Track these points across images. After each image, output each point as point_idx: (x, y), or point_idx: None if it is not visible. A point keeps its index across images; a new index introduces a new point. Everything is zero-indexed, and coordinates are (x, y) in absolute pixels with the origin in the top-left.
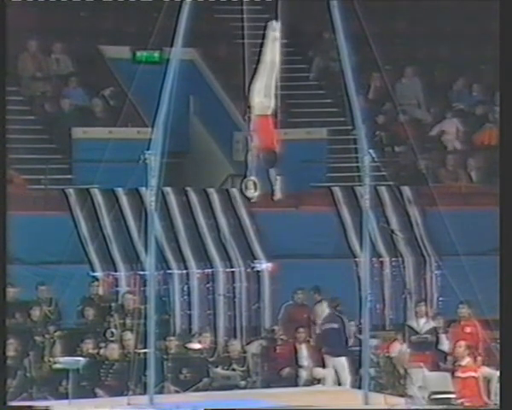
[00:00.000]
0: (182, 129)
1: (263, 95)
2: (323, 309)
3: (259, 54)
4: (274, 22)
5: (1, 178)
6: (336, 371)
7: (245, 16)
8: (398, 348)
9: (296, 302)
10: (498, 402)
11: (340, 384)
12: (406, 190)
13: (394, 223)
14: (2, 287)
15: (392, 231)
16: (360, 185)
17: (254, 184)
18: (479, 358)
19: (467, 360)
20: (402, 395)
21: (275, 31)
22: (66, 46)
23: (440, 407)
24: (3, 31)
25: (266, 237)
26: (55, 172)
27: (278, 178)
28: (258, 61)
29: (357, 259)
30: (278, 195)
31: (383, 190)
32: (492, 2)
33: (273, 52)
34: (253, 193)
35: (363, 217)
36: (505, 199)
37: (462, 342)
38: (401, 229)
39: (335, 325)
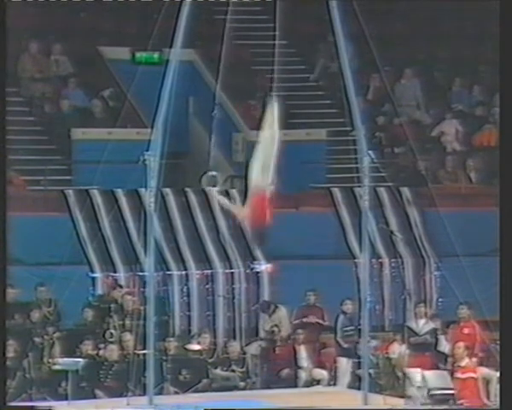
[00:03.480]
0: (181, 130)
1: (260, 173)
2: None
3: (258, 129)
4: (274, 104)
5: (0, 179)
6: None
7: (244, 17)
8: (398, 349)
9: (308, 304)
10: (498, 403)
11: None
12: (405, 191)
13: (393, 224)
14: (2, 288)
15: (392, 232)
16: (359, 186)
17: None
18: (478, 359)
19: (466, 361)
20: (401, 396)
21: (273, 108)
22: (65, 47)
23: (440, 407)
24: (3, 31)
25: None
26: (55, 173)
27: None
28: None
29: (356, 260)
30: None
31: (382, 191)
32: (492, 2)
33: (272, 127)
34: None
35: (362, 218)
36: (505, 200)
37: (461, 343)
38: (400, 230)
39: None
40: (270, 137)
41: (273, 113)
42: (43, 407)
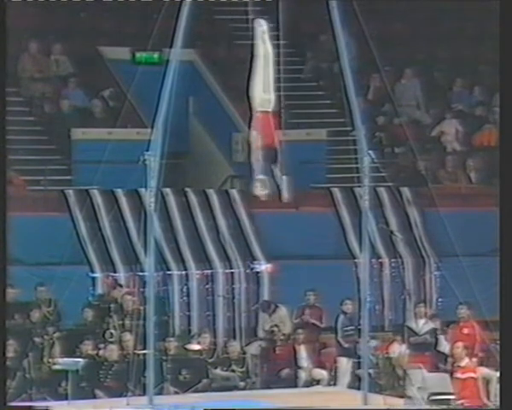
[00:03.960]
0: (181, 130)
1: (262, 90)
2: None
3: (252, 51)
4: (260, 20)
5: (1, 180)
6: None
7: (245, 17)
8: (398, 349)
9: (308, 304)
10: (498, 403)
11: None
12: (406, 191)
13: (393, 224)
14: (2, 288)
15: (392, 232)
16: (359, 186)
17: (263, 182)
18: (478, 359)
19: (466, 361)
20: (401, 396)
21: (261, 26)
22: (65, 47)
23: (440, 407)
24: (3, 31)
25: (266, 238)
26: (55, 173)
27: (284, 178)
28: (251, 58)
29: (356, 260)
30: (286, 195)
31: (382, 191)
32: (492, 2)
33: (265, 45)
34: (262, 191)
35: (362, 218)
36: (505, 200)
37: (460, 343)
38: (400, 230)
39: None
40: (264, 55)
41: (262, 32)
42: (42, 408)
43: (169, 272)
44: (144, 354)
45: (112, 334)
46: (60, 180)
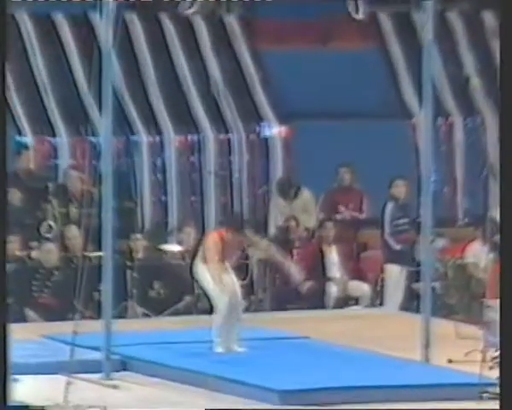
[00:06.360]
0: None
1: None
2: None
3: None
4: None
5: (1, 180)
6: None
7: None
8: (476, 252)
9: (341, 185)
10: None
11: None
12: (488, 16)
13: (470, 65)
14: (2, 288)
15: (467, 79)
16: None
17: None
18: None
19: None
20: (478, 323)
21: None
22: None
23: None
24: (3, 31)
25: (279, 88)
26: None
27: None
28: None
29: (413, 119)
30: None
31: (453, 16)
32: None
33: None
34: None
35: (423, 55)
36: (505, 199)
37: None
38: (480, 73)
39: None
40: None
41: None
42: (38, 407)
43: (135, 138)
44: (98, 258)
45: (50, 227)
46: None
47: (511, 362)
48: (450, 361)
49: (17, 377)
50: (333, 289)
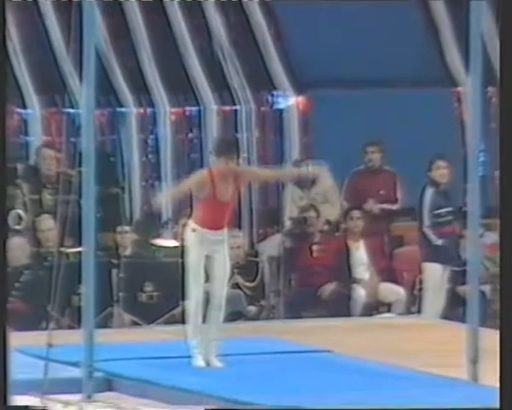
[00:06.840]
0: None
1: None
2: None
3: None
4: None
5: (0, 179)
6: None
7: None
8: None
9: (369, 166)
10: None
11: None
12: None
13: None
14: (2, 287)
15: None
16: None
17: None
18: None
19: None
20: None
21: None
22: None
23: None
24: (3, 31)
25: (295, 48)
26: None
27: None
28: None
29: (458, 88)
30: None
31: None
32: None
33: None
34: None
35: (471, 10)
36: (505, 199)
37: None
38: None
39: None
40: None
41: None
42: (38, 408)
43: (122, 110)
44: (78, 255)
45: (19, 217)
46: None
47: (511, 362)
48: None
49: None
50: (360, 294)
